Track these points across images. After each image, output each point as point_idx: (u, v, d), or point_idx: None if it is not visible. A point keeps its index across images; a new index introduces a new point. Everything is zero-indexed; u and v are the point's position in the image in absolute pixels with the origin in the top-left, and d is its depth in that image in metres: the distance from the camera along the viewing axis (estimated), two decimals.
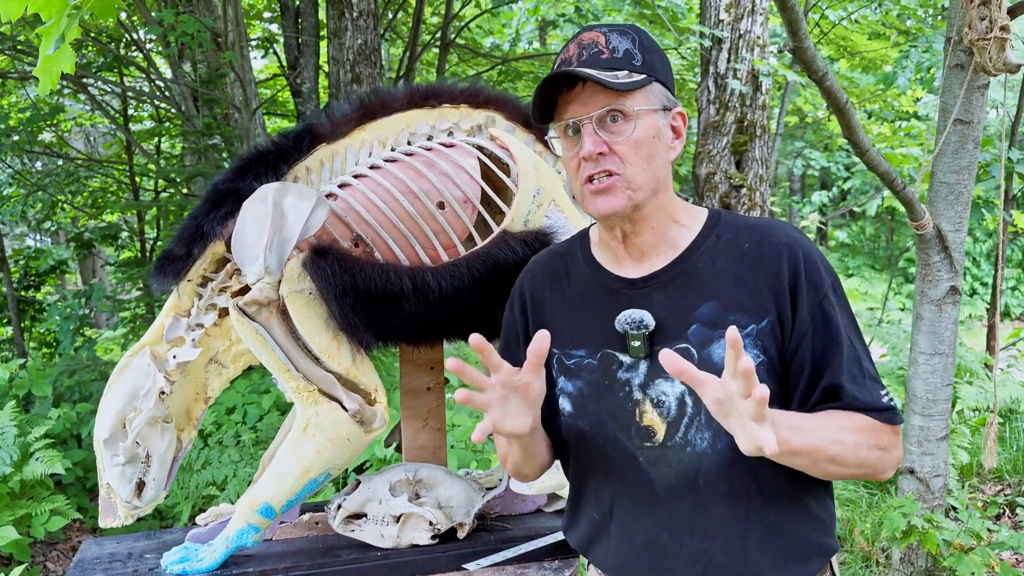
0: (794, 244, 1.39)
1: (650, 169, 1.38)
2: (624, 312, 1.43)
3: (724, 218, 1.47)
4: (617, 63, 1.36)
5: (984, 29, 2.68)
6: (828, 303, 1.37)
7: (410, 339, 2.01)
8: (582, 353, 1.48)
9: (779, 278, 1.37)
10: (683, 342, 1.39)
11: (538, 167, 2.02)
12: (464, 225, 1.98)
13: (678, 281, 1.42)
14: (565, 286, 1.54)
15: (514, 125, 2.20)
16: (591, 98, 1.35)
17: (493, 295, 1.93)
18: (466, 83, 2.23)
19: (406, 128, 2.09)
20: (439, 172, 1.98)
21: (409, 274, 1.88)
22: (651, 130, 1.37)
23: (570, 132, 1.39)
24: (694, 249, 1.43)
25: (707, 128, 6.16)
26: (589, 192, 1.38)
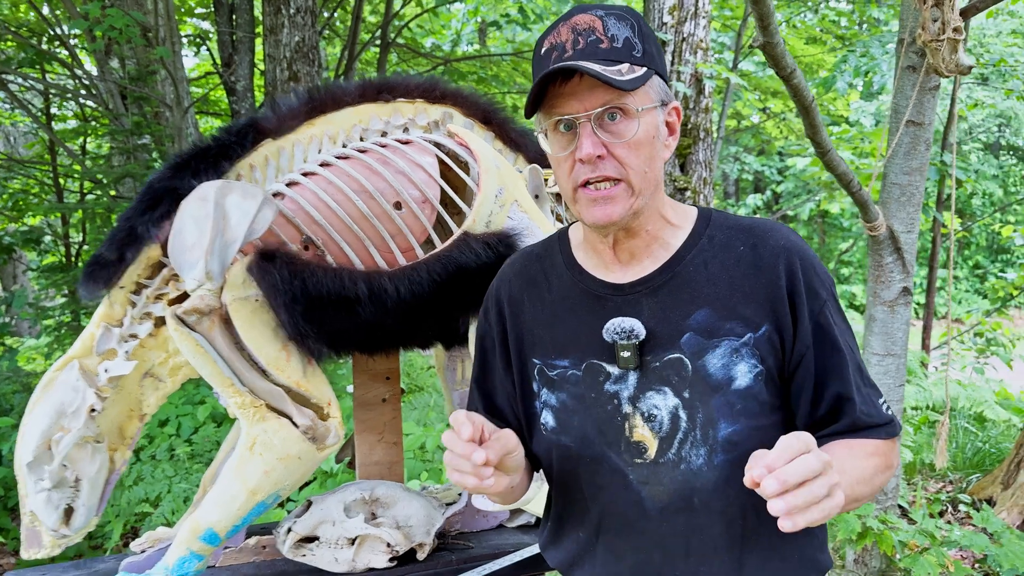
0: (792, 248, 1.32)
1: (651, 172, 1.27)
2: (612, 320, 1.33)
3: (715, 218, 1.38)
4: (618, 54, 1.23)
5: (937, 30, 2.67)
6: (828, 311, 1.31)
7: (365, 348, 1.88)
8: (566, 364, 1.38)
9: (776, 284, 1.29)
10: (676, 352, 1.30)
11: (500, 165, 1.92)
12: (422, 226, 1.86)
13: (669, 286, 1.33)
14: (545, 292, 1.44)
15: (473, 121, 2.09)
16: (590, 93, 1.22)
17: (454, 300, 1.82)
18: (421, 75, 2.11)
19: (358, 123, 1.96)
20: (395, 170, 1.86)
21: (364, 279, 1.75)
22: (652, 129, 1.26)
23: (562, 128, 1.26)
24: (686, 252, 1.34)
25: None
26: (586, 199, 1.27)
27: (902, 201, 3.08)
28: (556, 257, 1.46)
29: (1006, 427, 5.86)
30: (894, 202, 3.11)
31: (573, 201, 1.30)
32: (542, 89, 1.25)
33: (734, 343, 1.28)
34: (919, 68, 2.89)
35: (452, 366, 2.11)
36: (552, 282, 1.44)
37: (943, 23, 2.64)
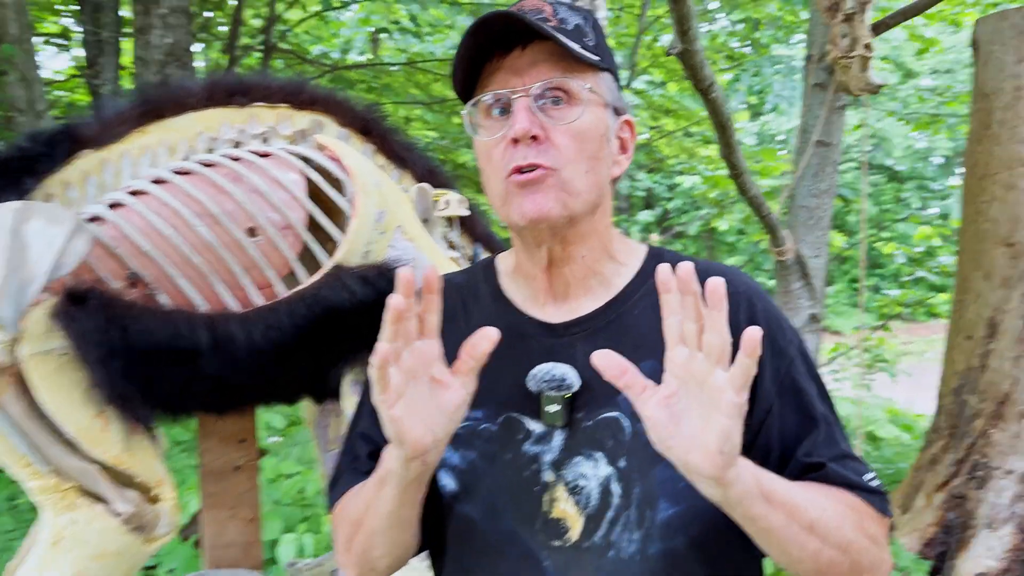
0: (752, 296, 1.13)
1: (592, 174, 1.08)
2: (540, 366, 1.12)
3: (667, 258, 1.17)
4: (567, 35, 1.07)
5: (847, 47, 2.54)
6: (795, 370, 1.11)
7: (212, 408, 1.53)
8: (478, 415, 1.15)
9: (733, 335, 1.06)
10: (613, 409, 1.09)
11: (381, 184, 1.61)
12: (283, 258, 1.53)
13: (610, 330, 1.13)
14: (462, 326, 1.19)
15: (349, 131, 1.77)
16: (531, 67, 1.05)
17: (324, 348, 1.50)
18: (286, 76, 1.77)
19: (204, 131, 1.61)
20: (249, 189, 1.52)
21: (207, 324, 1.41)
22: (599, 124, 1.09)
23: (496, 112, 1.08)
24: (631, 293, 1.15)
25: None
26: (514, 187, 1.07)
27: (810, 224, 2.95)
28: (480, 287, 1.25)
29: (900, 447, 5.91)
30: (802, 225, 2.97)
31: (503, 199, 1.09)
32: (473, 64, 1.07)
33: None
34: (828, 86, 2.76)
35: (324, 422, 1.78)
36: (472, 315, 1.22)
37: (853, 39, 2.51)
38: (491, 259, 1.29)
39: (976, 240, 3.73)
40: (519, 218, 1.08)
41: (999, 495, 3.58)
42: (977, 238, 3.73)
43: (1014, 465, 3.56)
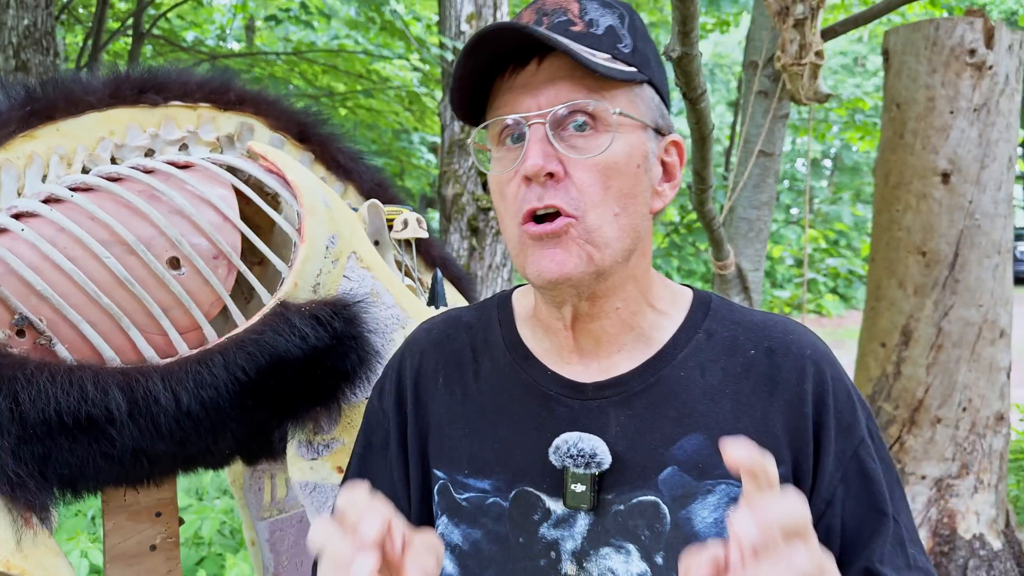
0: (820, 360, 0.95)
1: (625, 216, 0.89)
2: (566, 437, 0.94)
3: (716, 306, 1.00)
4: (596, 42, 0.89)
5: (796, 53, 2.44)
6: (865, 452, 0.94)
7: (125, 482, 1.23)
8: (485, 486, 0.99)
9: (800, 410, 0.92)
10: (650, 492, 0.92)
11: (331, 204, 1.34)
12: (214, 294, 1.24)
13: (651, 396, 0.95)
14: (471, 377, 1.04)
15: (283, 136, 1.49)
16: (548, 86, 0.86)
17: (269, 405, 1.23)
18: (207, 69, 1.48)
19: (108, 136, 1.31)
20: (169, 209, 1.23)
21: (122, 383, 1.11)
22: (635, 153, 0.89)
23: (509, 140, 0.90)
24: (674, 350, 0.97)
25: (452, 146, 5.70)
26: (529, 240, 0.88)
27: (750, 237, 2.85)
28: (493, 330, 1.06)
29: None
30: (742, 238, 2.88)
31: (518, 249, 0.91)
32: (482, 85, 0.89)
33: (734, 490, 0.91)
34: (772, 94, 2.66)
35: (257, 484, 1.49)
36: (483, 365, 1.04)
37: (803, 46, 2.41)
38: (507, 295, 1.09)
39: (890, 248, 3.77)
40: (535, 277, 0.90)
41: (914, 500, 3.63)
42: (891, 246, 3.76)
43: (927, 471, 3.62)
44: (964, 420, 3.59)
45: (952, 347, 3.60)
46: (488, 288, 5.61)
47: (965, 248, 3.57)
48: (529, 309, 1.04)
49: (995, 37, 3.53)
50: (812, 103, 2.49)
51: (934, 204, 3.60)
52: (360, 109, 8.49)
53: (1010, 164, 3.64)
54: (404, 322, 1.39)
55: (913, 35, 3.64)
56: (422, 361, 1.07)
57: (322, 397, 1.26)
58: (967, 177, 3.56)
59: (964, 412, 3.59)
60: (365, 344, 1.27)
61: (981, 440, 3.59)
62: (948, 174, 3.58)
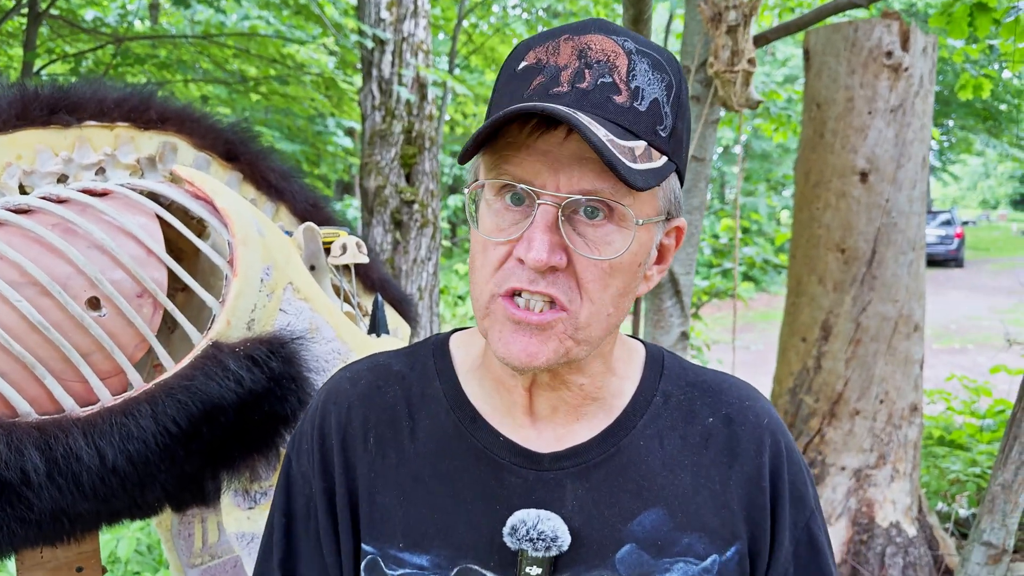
0: (776, 431, 0.92)
1: (616, 314, 0.82)
2: (523, 516, 0.85)
3: (668, 365, 0.95)
4: (636, 122, 0.77)
5: (728, 60, 2.44)
6: (815, 523, 0.93)
7: (43, 543, 1.13)
8: (423, 562, 0.88)
9: (759, 484, 0.89)
10: (606, 571, 0.86)
11: (264, 231, 1.25)
12: (138, 336, 1.14)
13: (609, 467, 0.88)
14: (406, 437, 0.92)
15: (208, 156, 1.39)
16: (573, 165, 0.76)
17: (201, 456, 1.14)
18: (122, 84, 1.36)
19: (16, 162, 1.19)
20: (87, 243, 1.13)
21: (37, 440, 1.01)
22: (641, 251, 0.81)
23: (508, 198, 0.79)
24: (634, 416, 0.90)
25: (373, 137, 5.56)
26: (504, 317, 0.80)
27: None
28: (431, 383, 0.94)
29: None
30: None
31: (484, 313, 0.82)
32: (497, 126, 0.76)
33: (691, 568, 0.87)
34: (704, 99, 2.66)
35: (187, 530, 1.40)
36: (420, 423, 0.92)
37: (735, 52, 2.41)
38: (442, 341, 0.98)
39: (810, 245, 3.86)
40: (502, 357, 0.81)
41: (834, 491, 3.75)
42: (811, 243, 3.85)
43: (847, 462, 3.73)
44: (881, 412, 3.71)
45: (870, 341, 3.71)
46: (412, 283, 5.52)
47: (882, 245, 3.68)
48: (474, 359, 0.95)
49: (910, 40, 3.63)
50: (744, 109, 2.50)
51: (852, 202, 3.69)
52: (274, 95, 8.21)
53: (924, 163, 3.76)
54: (345, 356, 1.32)
55: (833, 36, 3.71)
56: (349, 417, 0.94)
57: (259, 443, 1.18)
58: (884, 176, 3.66)
59: (881, 404, 3.71)
60: (305, 384, 1.19)
61: (897, 431, 3.72)
62: (866, 173, 3.68)
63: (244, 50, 8.09)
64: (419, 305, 5.53)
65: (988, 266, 20.42)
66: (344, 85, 7.81)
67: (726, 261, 7.15)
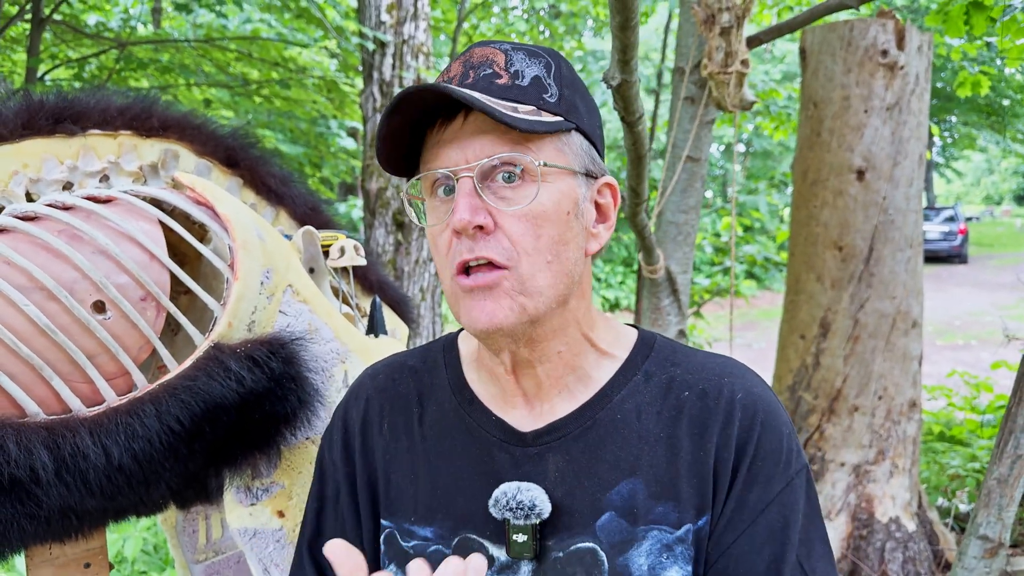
0: (751, 405, 0.95)
1: (557, 262, 0.91)
2: (505, 488, 0.95)
3: (659, 347, 1.01)
4: (520, 93, 0.91)
5: (722, 62, 2.47)
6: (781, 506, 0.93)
7: (51, 539, 1.16)
8: (428, 534, 1.00)
9: (723, 454, 0.93)
10: (588, 539, 0.93)
11: (264, 235, 1.29)
12: (142, 338, 1.18)
13: (586, 440, 0.96)
14: (415, 423, 1.04)
15: (208, 162, 1.43)
16: (475, 139, 0.89)
17: (204, 454, 1.18)
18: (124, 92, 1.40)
19: (22, 170, 1.22)
20: (92, 249, 1.16)
21: (45, 439, 1.05)
22: (564, 200, 0.91)
23: (440, 191, 0.92)
24: (611, 392, 0.98)
25: (374, 139, 5.61)
26: (461, 291, 0.91)
27: (678, 240, 2.89)
28: (439, 374, 1.07)
29: None
30: (670, 242, 2.92)
31: (453, 298, 0.94)
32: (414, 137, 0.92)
33: (666, 536, 0.92)
34: (698, 100, 2.69)
35: (191, 526, 1.44)
36: (428, 410, 1.05)
37: (729, 54, 2.44)
38: (452, 338, 1.10)
39: (808, 243, 3.89)
40: (469, 327, 0.92)
41: (834, 487, 3.77)
42: (809, 241, 3.88)
43: (846, 457, 3.76)
44: (880, 408, 3.74)
45: (868, 338, 3.74)
46: (414, 284, 5.56)
47: (879, 243, 3.71)
48: (474, 351, 1.05)
49: (906, 38, 3.66)
50: (737, 110, 2.54)
51: (850, 200, 3.72)
52: (276, 98, 8.25)
53: (920, 161, 3.79)
54: (344, 356, 1.35)
55: (829, 35, 3.74)
56: (367, 408, 1.08)
57: (260, 441, 1.21)
58: (881, 174, 3.69)
59: (880, 400, 3.74)
60: (304, 384, 1.23)
61: (896, 427, 3.75)
62: (863, 171, 3.70)
63: (246, 53, 8.14)
64: (421, 306, 5.58)
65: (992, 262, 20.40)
66: (346, 88, 7.85)
67: (727, 259, 7.17)
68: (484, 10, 7.72)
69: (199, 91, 8.80)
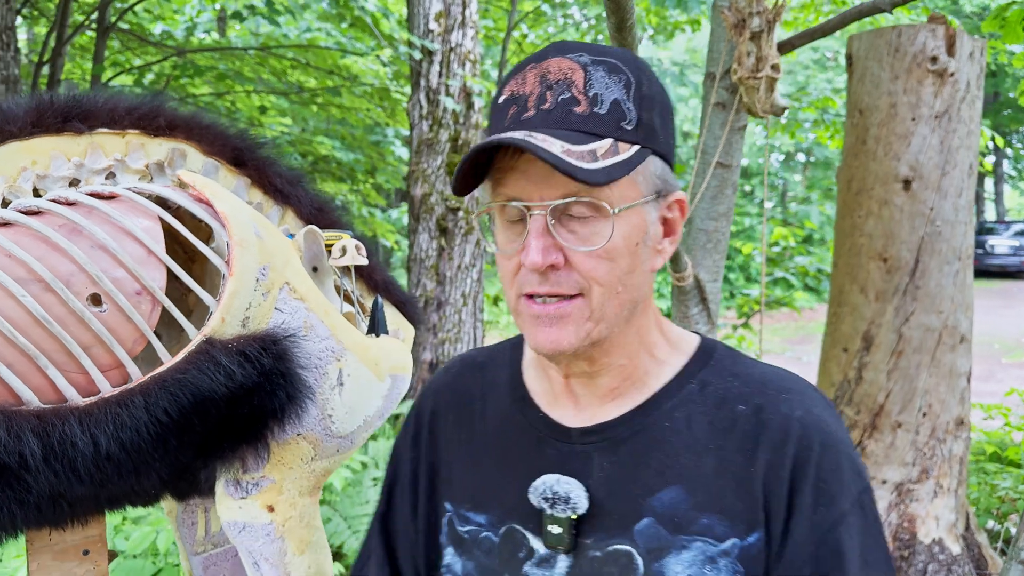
0: (810, 424, 0.92)
1: (627, 290, 0.93)
2: (543, 479, 0.99)
3: (719, 356, 1.01)
4: (598, 124, 0.89)
5: (752, 67, 2.43)
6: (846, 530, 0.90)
7: (45, 525, 1.20)
8: (481, 521, 1.06)
9: (779, 474, 0.91)
10: (625, 541, 0.94)
11: (262, 233, 1.31)
12: (136, 331, 1.21)
13: (635, 444, 0.98)
14: (477, 417, 1.12)
15: (216, 162, 1.45)
16: (548, 177, 0.88)
17: (193, 445, 1.20)
18: (137, 93, 1.43)
19: (30, 167, 1.27)
20: (91, 243, 1.20)
21: (35, 427, 1.08)
22: (635, 233, 0.92)
23: (509, 215, 0.94)
24: (664, 398, 0.99)
25: (420, 145, 5.66)
26: (529, 315, 0.94)
27: (708, 248, 2.85)
28: (501, 372, 1.14)
29: None
30: (700, 249, 2.88)
31: (515, 312, 0.98)
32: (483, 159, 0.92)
33: (710, 549, 0.92)
34: (729, 106, 2.65)
35: (191, 518, 1.46)
36: (488, 405, 1.12)
37: (760, 59, 2.40)
38: (520, 339, 1.15)
39: (852, 254, 3.79)
40: (533, 347, 0.96)
41: None
42: (853, 252, 3.78)
43: (888, 475, 3.65)
44: (924, 425, 3.62)
45: (912, 353, 3.62)
46: (456, 289, 5.59)
47: (926, 255, 3.59)
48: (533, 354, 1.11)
49: (956, 44, 3.54)
50: (768, 116, 2.49)
51: (895, 210, 3.62)
52: (330, 106, 8.41)
53: (971, 171, 3.66)
54: (340, 354, 1.36)
55: (876, 41, 3.65)
56: (437, 401, 1.18)
57: (249, 436, 1.23)
58: (928, 184, 3.58)
59: (924, 417, 3.62)
60: (294, 380, 1.24)
61: (941, 445, 3.62)
62: (909, 181, 3.60)
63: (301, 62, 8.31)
64: (463, 311, 5.60)
65: None
66: (397, 96, 7.96)
67: (777, 270, 7.05)
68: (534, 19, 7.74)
69: (257, 98, 9.02)
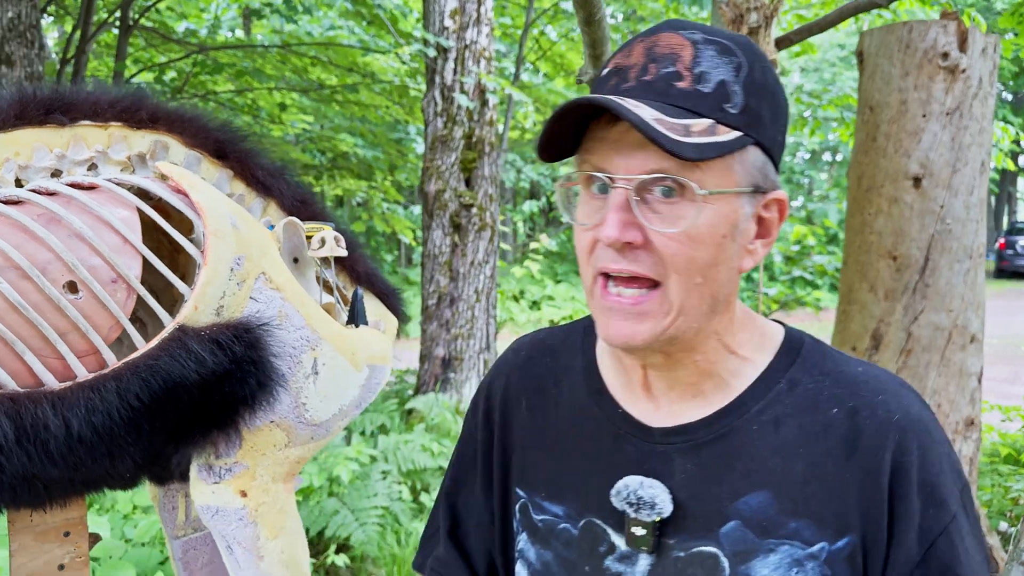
0: (908, 428, 0.89)
1: (706, 284, 0.87)
2: (627, 481, 0.95)
3: (806, 352, 0.96)
4: (699, 102, 0.84)
5: None
6: (955, 533, 0.88)
7: (22, 506, 1.23)
8: (559, 512, 1.03)
9: (877, 481, 0.88)
10: (711, 544, 0.92)
11: (238, 223, 1.34)
12: (111, 318, 1.24)
13: (719, 447, 0.94)
14: (551, 404, 1.07)
15: (199, 154, 1.48)
16: (637, 150, 0.83)
17: (164, 431, 1.23)
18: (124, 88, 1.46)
19: (13, 159, 1.30)
20: (68, 232, 1.23)
21: (10, 410, 1.12)
22: (722, 223, 0.86)
23: (595, 187, 0.89)
24: (750, 401, 0.94)
25: (435, 142, 5.69)
26: (601, 304, 0.90)
27: None
28: (575, 358, 1.08)
29: None
30: None
31: (589, 294, 0.93)
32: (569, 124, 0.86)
33: (798, 552, 0.89)
34: None
35: (171, 503, 1.50)
36: (563, 392, 1.07)
37: None
38: (590, 322, 1.07)
39: (861, 252, 3.75)
40: (604, 339, 0.91)
41: None
42: (862, 249, 3.75)
43: None
44: None
45: (922, 352, 3.58)
46: (469, 285, 5.61)
47: (936, 253, 3.55)
48: None
49: (968, 40, 3.50)
50: None
51: (905, 208, 3.58)
52: (350, 103, 8.46)
53: (982, 168, 3.62)
54: (315, 343, 1.38)
55: (887, 37, 3.61)
56: (508, 382, 1.12)
57: (221, 422, 1.26)
58: (939, 181, 3.54)
59: None
60: (266, 368, 1.27)
61: None
62: (920, 178, 3.56)
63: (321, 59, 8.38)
64: (476, 307, 5.62)
65: None
66: (416, 93, 7.99)
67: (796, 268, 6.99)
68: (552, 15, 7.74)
69: (279, 95, 9.10)
